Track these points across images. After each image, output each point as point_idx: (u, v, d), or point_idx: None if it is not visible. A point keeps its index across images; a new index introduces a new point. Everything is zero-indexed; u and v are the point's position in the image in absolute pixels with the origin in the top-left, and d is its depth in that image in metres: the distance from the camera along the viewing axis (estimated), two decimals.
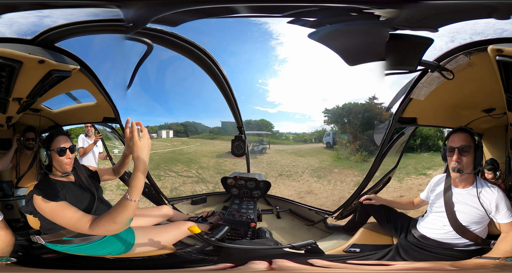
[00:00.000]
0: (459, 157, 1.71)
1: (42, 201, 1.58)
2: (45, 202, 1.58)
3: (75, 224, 1.56)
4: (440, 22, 1.39)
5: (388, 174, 2.45)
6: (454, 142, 1.73)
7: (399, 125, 2.21)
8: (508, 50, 1.27)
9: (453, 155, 1.72)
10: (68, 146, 1.72)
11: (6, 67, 1.48)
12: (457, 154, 1.71)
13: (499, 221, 1.67)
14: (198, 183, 3.81)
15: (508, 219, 1.66)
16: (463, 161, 1.71)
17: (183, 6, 1.49)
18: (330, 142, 3.49)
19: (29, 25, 1.53)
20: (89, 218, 1.54)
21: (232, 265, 1.63)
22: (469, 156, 1.71)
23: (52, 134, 1.76)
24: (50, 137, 1.75)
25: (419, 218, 1.95)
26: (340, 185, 3.27)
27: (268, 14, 1.63)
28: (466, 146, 1.71)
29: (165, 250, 1.83)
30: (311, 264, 1.66)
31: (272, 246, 1.94)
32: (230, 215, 2.37)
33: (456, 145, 1.72)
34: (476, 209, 1.69)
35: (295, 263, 1.64)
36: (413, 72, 1.74)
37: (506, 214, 1.66)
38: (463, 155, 1.71)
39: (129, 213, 1.47)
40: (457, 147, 1.71)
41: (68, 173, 1.77)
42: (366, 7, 1.42)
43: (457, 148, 1.71)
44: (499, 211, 1.67)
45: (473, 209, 1.70)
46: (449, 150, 1.74)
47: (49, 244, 1.70)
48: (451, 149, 1.73)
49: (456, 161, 1.71)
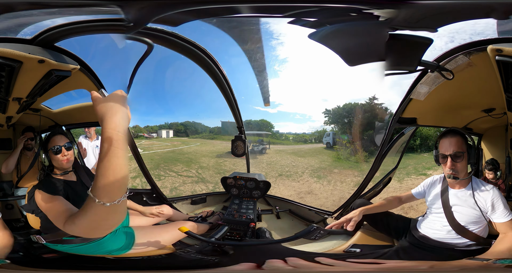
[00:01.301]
0: (453, 164, 1.69)
1: (41, 196, 1.60)
2: (43, 195, 1.59)
3: (56, 219, 1.42)
4: (439, 22, 1.39)
5: (388, 175, 2.44)
6: (446, 149, 1.70)
7: (399, 126, 2.21)
8: (507, 50, 1.27)
9: (446, 162, 1.70)
10: (63, 144, 1.76)
11: (6, 66, 1.48)
12: (450, 161, 1.69)
13: (495, 221, 1.65)
14: (198, 183, 3.81)
15: (505, 218, 1.63)
16: (457, 167, 1.70)
17: (185, 6, 1.49)
18: (330, 142, 3.48)
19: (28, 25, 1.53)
20: (68, 215, 1.27)
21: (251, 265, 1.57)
22: (463, 161, 1.70)
23: (48, 136, 1.80)
24: (46, 138, 1.81)
25: (419, 219, 1.95)
26: (340, 185, 3.27)
27: (269, 14, 1.63)
28: (458, 152, 1.69)
29: (164, 250, 1.83)
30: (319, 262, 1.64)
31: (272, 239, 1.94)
32: (229, 215, 2.37)
33: (448, 153, 1.69)
34: (473, 210, 1.68)
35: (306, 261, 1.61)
36: (413, 72, 1.74)
37: (502, 213, 1.64)
38: (457, 161, 1.69)
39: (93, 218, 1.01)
40: (450, 154, 1.69)
41: (68, 171, 1.79)
42: (365, 8, 1.42)
43: (449, 156, 1.68)
44: (495, 210, 1.65)
45: (470, 209, 1.69)
46: (442, 157, 1.72)
47: (49, 244, 1.70)
48: (444, 156, 1.71)
49: (450, 168, 1.69)
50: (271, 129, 3.63)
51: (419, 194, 1.97)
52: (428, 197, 1.89)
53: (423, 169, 2.42)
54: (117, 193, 0.97)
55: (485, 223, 1.71)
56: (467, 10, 1.37)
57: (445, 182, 1.81)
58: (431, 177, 1.94)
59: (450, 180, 1.74)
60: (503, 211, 1.64)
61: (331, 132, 3.41)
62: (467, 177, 1.71)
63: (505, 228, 1.63)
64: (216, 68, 2.09)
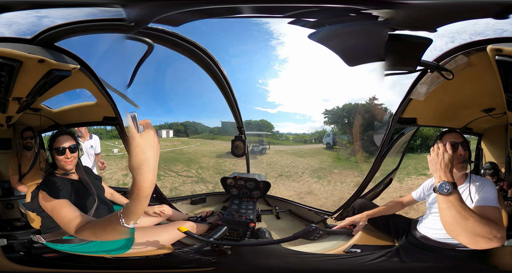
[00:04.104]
0: (463, 150, 1.73)
1: (46, 197, 1.61)
2: (48, 198, 1.59)
3: (66, 224, 1.52)
4: (438, 22, 1.39)
5: (389, 175, 2.44)
6: (455, 138, 1.75)
7: (399, 126, 2.21)
8: (507, 49, 1.27)
9: (457, 151, 1.73)
10: (68, 146, 1.74)
11: (5, 66, 1.49)
12: (461, 147, 1.73)
13: (476, 204, 1.58)
14: (198, 183, 3.81)
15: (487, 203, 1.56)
16: (466, 155, 1.74)
17: (187, 6, 1.49)
18: (330, 142, 3.48)
19: (28, 25, 1.53)
20: (80, 222, 1.47)
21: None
22: (467, 151, 1.75)
23: (54, 134, 1.79)
24: (52, 137, 1.80)
25: (419, 219, 1.94)
26: (340, 185, 3.26)
27: (269, 14, 1.64)
28: (465, 141, 1.75)
29: (163, 250, 1.83)
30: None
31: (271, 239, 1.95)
32: (229, 215, 2.37)
33: (458, 140, 1.74)
34: (470, 204, 1.68)
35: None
36: (413, 73, 1.75)
37: (486, 199, 1.58)
38: (465, 149, 1.74)
39: (116, 236, 1.26)
40: (460, 142, 1.74)
41: (68, 172, 1.79)
42: (364, 8, 1.43)
43: (459, 143, 1.73)
44: (480, 194, 1.61)
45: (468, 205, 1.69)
46: (452, 145, 1.73)
47: (49, 244, 1.71)
48: (455, 144, 1.74)
49: (462, 155, 1.72)
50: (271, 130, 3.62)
51: (420, 197, 1.98)
52: (428, 198, 1.89)
53: (423, 169, 2.42)
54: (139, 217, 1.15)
55: None
56: (466, 10, 1.37)
57: None
58: (430, 179, 1.95)
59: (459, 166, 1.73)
60: (487, 197, 1.59)
61: (331, 133, 3.41)
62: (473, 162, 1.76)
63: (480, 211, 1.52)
64: (216, 68, 2.10)
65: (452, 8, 1.39)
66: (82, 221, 1.47)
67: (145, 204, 1.09)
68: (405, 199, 2.08)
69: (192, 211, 2.81)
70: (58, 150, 1.73)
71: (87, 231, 1.39)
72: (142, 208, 1.10)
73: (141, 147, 1.02)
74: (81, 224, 1.45)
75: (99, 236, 1.31)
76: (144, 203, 1.08)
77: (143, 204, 1.09)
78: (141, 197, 1.05)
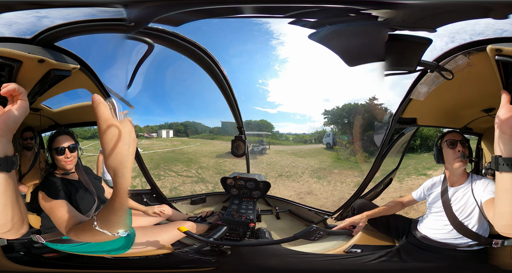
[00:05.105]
0: (462, 147, 1.80)
1: (45, 198, 1.61)
2: (47, 198, 1.60)
3: (60, 224, 1.51)
4: (437, 22, 1.40)
5: (389, 176, 2.44)
6: (454, 136, 1.82)
7: (399, 126, 2.21)
8: (507, 49, 1.27)
9: (455, 147, 1.80)
10: (67, 146, 1.75)
11: (5, 66, 1.48)
12: (460, 145, 1.79)
13: (485, 198, 1.61)
14: (198, 183, 3.80)
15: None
16: (465, 152, 1.80)
17: (187, 7, 1.49)
18: (330, 143, 3.48)
19: (28, 25, 1.53)
20: (74, 223, 1.45)
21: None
22: (466, 149, 1.81)
23: (53, 134, 1.80)
24: (51, 137, 1.81)
25: (419, 219, 1.95)
26: (340, 185, 3.26)
27: (270, 14, 1.64)
28: (465, 139, 1.83)
29: (163, 250, 1.83)
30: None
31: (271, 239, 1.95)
32: (229, 215, 2.37)
33: (458, 138, 1.81)
34: (473, 204, 1.69)
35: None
36: (413, 73, 1.75)
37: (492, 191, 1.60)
38: (464, 146, 1.80)
39: (96, 239, 1.11)
40: (459, 140, 1.80)
41: (68, 172, 1.79)
42: (364, 8, 1.43)
43: (459, 141, 1.80)
44: (486, 190, 1.64)
45: (470, 205, 1.70)
46: (451, 143, 1.82)
47: (49, 244, 1.71)
48: (454, 141, 1.80)
49: (460, 151, 1.78)
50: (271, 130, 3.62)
51: (420, 197, 1.99)
52: (428, 198, 1.90)
53: (423, 169, 2.42)
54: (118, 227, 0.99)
55: (486, 222, 1.71)
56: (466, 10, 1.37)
57: (445, 182, 1.82)
58: (430, 179, 1.96)
59: (458, 164, 1.77)
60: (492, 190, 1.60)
61: (331, 133, 3.40)
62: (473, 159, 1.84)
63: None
64: (217, 68, 2.09)
65: (452, 8, 1.39)
66: (76, 222, 1.46)
67: (122, 212, 0.90)
68: (405, 199, 2.08)
69: (192, 211, 2.81)
70: (58, 150, 1.74)
71: (73, 232, 1.38)
72: (117, 218, 0.92)
73: (123, 139, 0.85)
74: (73, 225, 1.44)
75: (81, 237, 1.27)
76: (121, 211, 0.90)
77: (119, 213, 0.90)
78: (119, 204, 0.88)
